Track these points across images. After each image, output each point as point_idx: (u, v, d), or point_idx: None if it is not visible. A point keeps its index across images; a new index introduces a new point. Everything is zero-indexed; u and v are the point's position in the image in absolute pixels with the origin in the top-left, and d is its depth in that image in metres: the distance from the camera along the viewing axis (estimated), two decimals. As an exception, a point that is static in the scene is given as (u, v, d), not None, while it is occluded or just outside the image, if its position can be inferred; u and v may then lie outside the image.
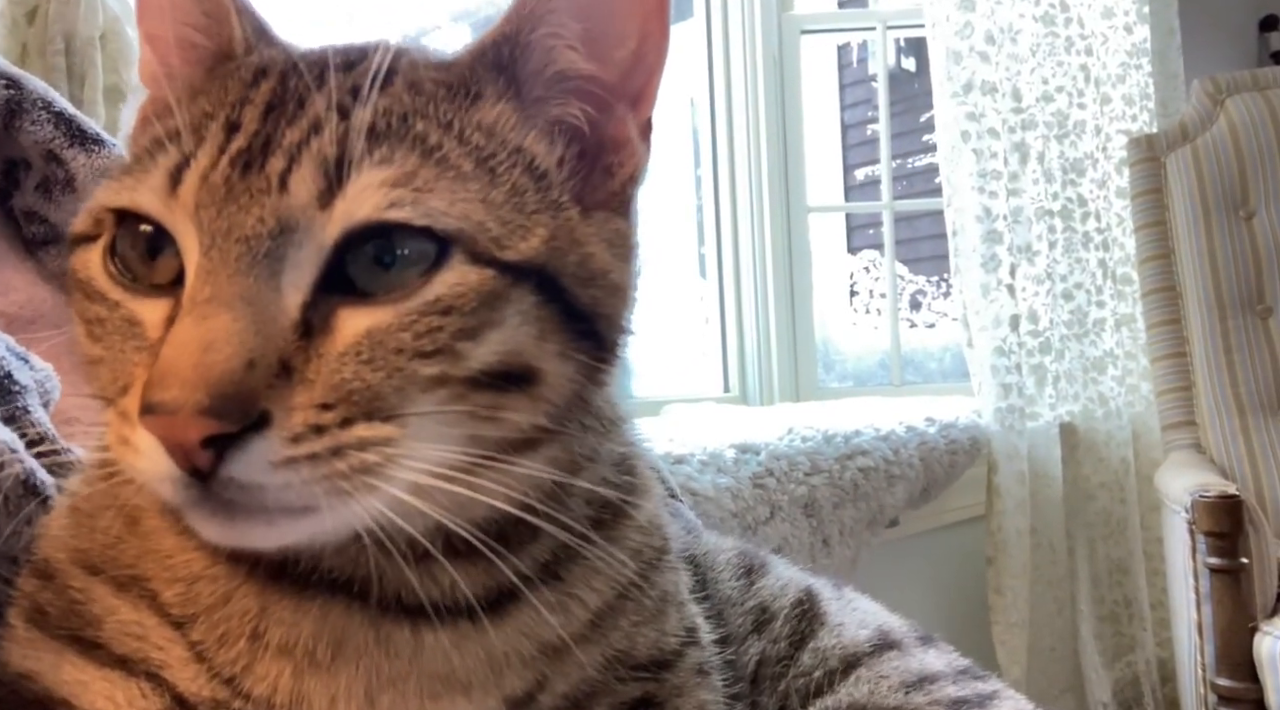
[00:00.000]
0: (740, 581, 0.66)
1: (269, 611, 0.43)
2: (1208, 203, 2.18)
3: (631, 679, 0.49)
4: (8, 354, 0.59)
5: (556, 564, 0.46)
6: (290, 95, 0.42)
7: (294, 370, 0.37)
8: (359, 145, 0.39)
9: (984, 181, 2.18)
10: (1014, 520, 2.11)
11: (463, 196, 0.40)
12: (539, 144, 0.44)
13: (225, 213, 0.39)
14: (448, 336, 0.38)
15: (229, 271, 0.38)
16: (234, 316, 0.37)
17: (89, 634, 0.44)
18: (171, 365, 0.36)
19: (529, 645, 0.45)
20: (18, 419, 0.56)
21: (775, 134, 2.47)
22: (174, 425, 0.35)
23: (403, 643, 0.43)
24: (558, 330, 0.41)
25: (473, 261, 0.39)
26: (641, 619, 0.50)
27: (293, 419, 0.37)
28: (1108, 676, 2.29)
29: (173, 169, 0.41)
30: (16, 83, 0.77)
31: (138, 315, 0.41)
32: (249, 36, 0.47)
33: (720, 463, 1.55)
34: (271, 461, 0.36)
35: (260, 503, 0.37)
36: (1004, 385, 2.14)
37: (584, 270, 0.43)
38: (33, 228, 0.80)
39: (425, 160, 0.40)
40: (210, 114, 0.42)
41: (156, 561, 0.44)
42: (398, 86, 0.42)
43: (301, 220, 0.39)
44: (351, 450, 0.37)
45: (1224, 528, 1.67)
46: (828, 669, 0.59)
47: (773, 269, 2.45)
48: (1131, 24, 2.42)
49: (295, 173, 0.39)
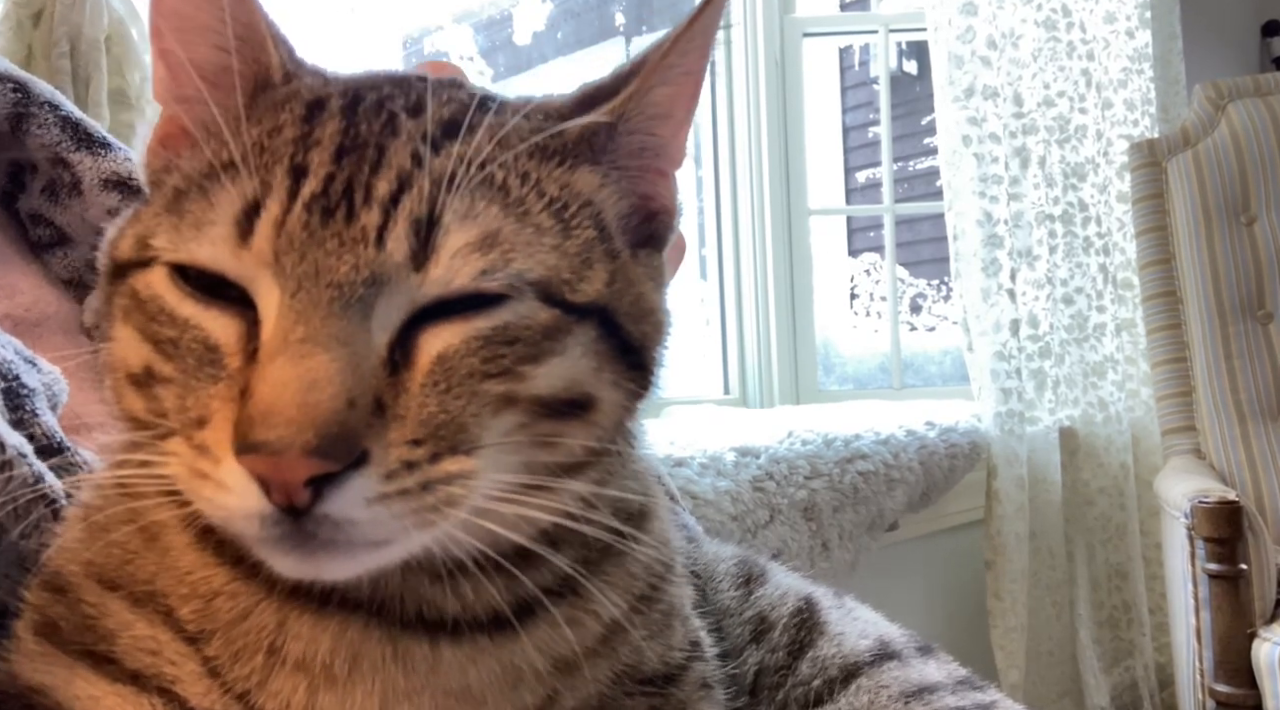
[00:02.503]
0: (739, 591, 0.66)
1: (287, 627, 0.43)
2: (1209, 208, 2.18)
3: (639, 693, 0.50)
4: (16, 357, 0.59)
5: (573, 578, 0.46)
6: (364, 139, 0.42)
7: (386, 407, 0.38)
8: (447, 202, 0.40)
9: (985, 185, 2.18)
10: (1013, 525, 2.11)
11: (541, 249, 0.42)
12: (609, 201, 0.47)
13: (311, 257, 0.39)
14: (510, 361, 0.40)
15: (321, 314, 0.38)
16: (332, 356, 0.37)
17: (102, 649, 0.44)
18: (274, 404, 0.36)
19: (543, 660, 0.45)
20: (26, 423, 0.56)
21: (777, 136, 2.47)
22: (280, 465, 0.36)
23: (419, 658, 0.43)
24: (612, 362, 0.44)
25: (544, 301, 0.42)
26: (649, 633, 0.50)
27: (389, 456, 0.37)
28: (1106, 681, 2.29)
29: (239, 217, 0.40)
30: (23, 86, 0.77)
31: (213, 338, 0.41)
32: (286, 63, 0.47)
33: (720, 466, 1.55)
34: (367, 498, 0.37)
35: (348, 537, 0.38)
36: (1004, 390, 2.14)
37: (636, 308, 0.46)
38: (39, 231, 0.80)
39: (507, 214, 0.42)
40: (268, 150, 0.42)
41: (174, 577, 0.44)
42: (479, 136, 0.43)
43: (395, 276, 0.40)
44: (439, 485, 0.38)
45: (1223, 533, 1.68)
46: (827, 678, 0.59)
47: (773, 271, 2.46)
48: (1133, 29, 2.42)
49: (392, 231, 0.40)
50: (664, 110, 0.48)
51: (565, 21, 2.98)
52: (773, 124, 2.46)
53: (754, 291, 2.46)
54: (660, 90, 0.47)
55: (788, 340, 2.47)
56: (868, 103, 4.17)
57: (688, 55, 0.46)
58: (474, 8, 2.83)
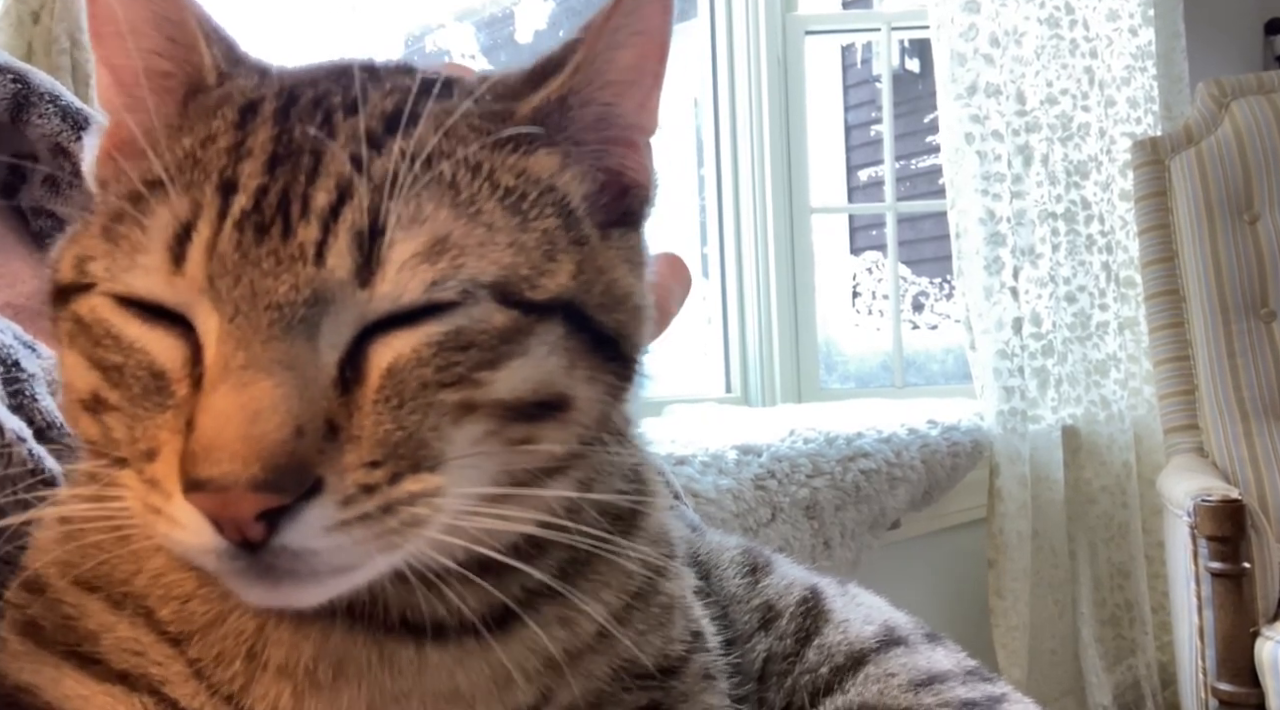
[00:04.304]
0: (745, 579, 0.66)
1: (266, 632, 0.42)
2: (1211, 206, 2.18)
3: (638, 688, 0.48)
4: (15, 342, 0.59)
5: (565, 577, 0.45)
6: (298, 145, 0.39)
7: (340, 428, 0.36)
8: (390, 208, 0.38)
9: (987, 184, 2.18)
10: (1015, 523, 2.11)
11: (495, 248, 0.39)
12: (573, 183, 0.44)
13: (246, 280, 0.37)
14: (465, 368, 0.38)
15: (262, 338, 0.36)
16: (276, 382, 0.35)
17: (86, 649, 0.43)
18: (216, 438, 0.34)
19: (535, 659, 0.44)
20: (25, 406, 0.56)
21: (779, 135, 2.47)
22: (228, 502, 0.34)
23: (406, 661, 0.42)
24: (586, 356, 0.41)
25: (500, 302, 0.39)
26: (648, 627, 0.49)
27: (345, 481, 0.36)
28: (1108, 680, 2.28)
29: (171, 242, 0.38)
30: (23, 77, 0.77)
31: (159, 363, 0.38)
32: (220, 64, 0.44)
33: (722, 464, 1.55)
34: (325, 526, 0.35)
35: (310, 567, 0.36)
36: (1006, 388, 2.14)
37: (608, 297, 0.43)
38: (40, 221, 0.79)
39: (457, 214, 0.39)
40: (199, 163, 0.39)
41: (149, 579, 0.43)
42: (420, 129, 0.40)
43: (339, 294, 0.37)
44: (402, 506, 0.36)
45: (1226, 532, 1.67)
46: (834, 665, 0.59)
47: (775, 269, 2.45)
48: (1136, 27, 2.42)
49: (332, 246, 0.37)
50: (620, 76, 0.44)
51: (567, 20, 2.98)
52: (775, 122, 2.46)
53: (756, 290, 2.46)
54: (612, 54, 0.44)
55: (790, 338, 2.47)
56: (870, 101, 4.16)
57: (635, 14, 0.43)
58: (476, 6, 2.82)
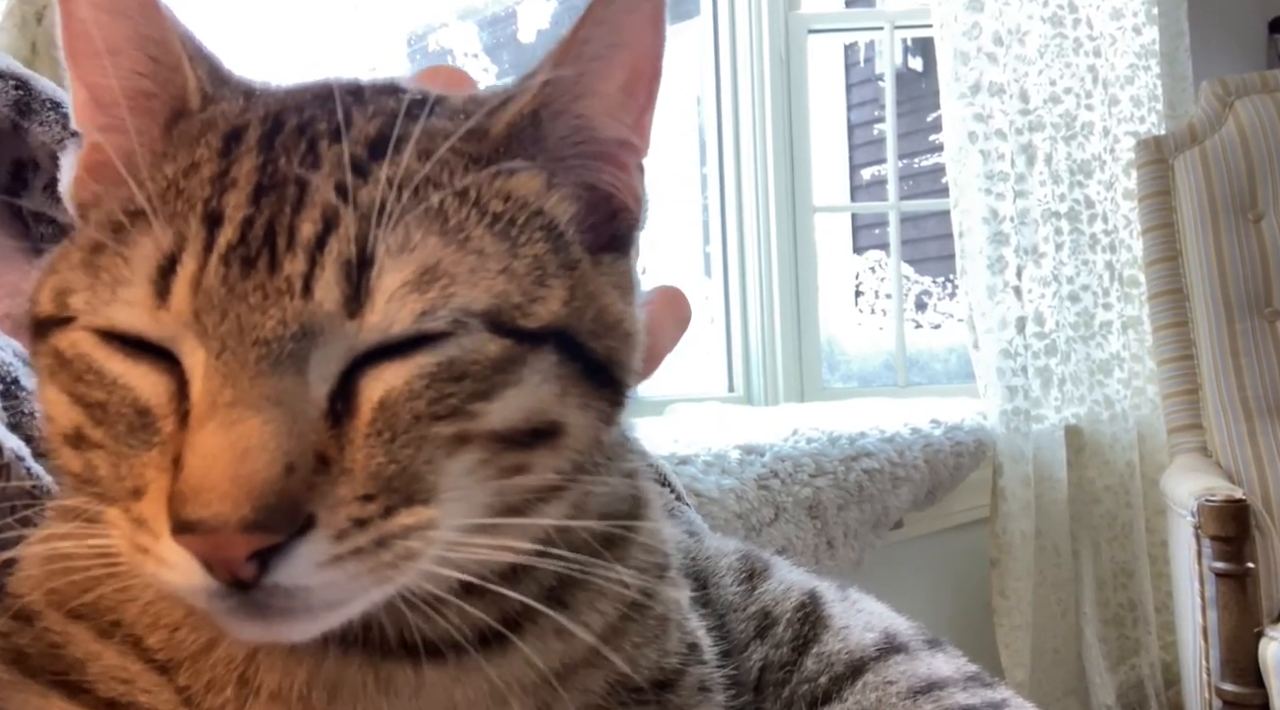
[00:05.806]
0: (742, 586, 0.65)
1: (258, 658, 0.41)
2: (1215, 205, 2.17)
3: (634, 702, 0.48)
4: (14, 359, 0.58)
5: (561, 590, 0.45)
6: (284, 174, 0.39)
7: (331, 461, 0.36)
8: (378, 237, 0.37)
9: (991, 182, 2.18)
10: (1019, 523, 2.11)
11: (486, 275, 0.39)
12: (559, 205, 0.43)
13: (233, 314, 0.36)
14: (459, 400, 0.37)
15: (250, 374, 0.35)
16: (264, 419, 0.35)
17: (74, 678, 0.43)
18: (204, 478, 0.34)
19: (532, 674, 0.44)
20: (24, 425, 0.55)
21: (781, 133, 2.47)
22: (218, 543, 0.34)
23: (403, 682, 0.42)
24: (578, 383, 0.41)
25: (493, 331, 0.38)
26: (643, 641, 0.49)
27: (337, 516, 0.35)
28: (1112, 680, 2.28)
29: (154, 275, 0.37)
30: (25, 83, 0.77)
31: (143, 399, 0.38)
32: (204, 86, 0.43)
33: (725, 464, 1.55)
34: (318, 563, 0.35)
35: (304, 603, 0.36)
36: (1009, 387, 2.14)
37: (599, 324, 0.42)
38: (41, 229, 0.79)
39: (446, 242, 0.38)
40: (182, 194, 0.39)
41: (137, 607, 0.43)
42: (406, 154, 0.39)
43: (328, 326, 0.37)
44: (396, 540, 0.36)
45: (1230, 532, 1.67)
46: (833, 674, 0.58)
47: (778, 269, 2.45)
48: (1140, 25, 2.41)
49: (320, 278, 0.37)
50: (596, 87, 0.43)
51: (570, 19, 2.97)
52: (777, 121, 2.46)
53: (758, 289, 2.46)
54: (586, 66, 0.42)
55: (792, 338, 2.47)
56: (873, 99, 4.16)
57: (608, 25, 0.42)
58: (478, 5, 2.82)
